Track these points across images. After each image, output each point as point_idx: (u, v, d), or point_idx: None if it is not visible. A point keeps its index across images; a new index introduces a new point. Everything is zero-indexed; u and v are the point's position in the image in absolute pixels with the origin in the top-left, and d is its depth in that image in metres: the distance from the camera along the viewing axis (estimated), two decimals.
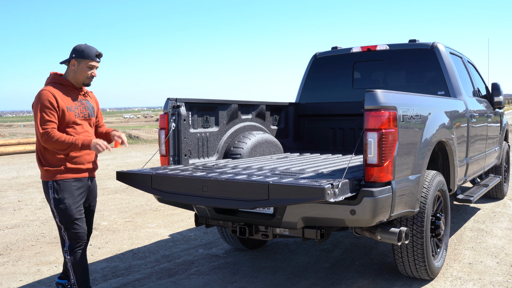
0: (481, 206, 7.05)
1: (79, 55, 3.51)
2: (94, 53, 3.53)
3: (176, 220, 6.56)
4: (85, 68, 3.52)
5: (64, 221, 3.46)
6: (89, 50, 3.53)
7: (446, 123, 4.21)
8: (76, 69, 3.52)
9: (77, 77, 3.54)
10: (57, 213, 3.46)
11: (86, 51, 3.52)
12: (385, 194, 3.14)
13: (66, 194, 3.44)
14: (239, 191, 3.15)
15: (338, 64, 5.83)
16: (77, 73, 3.53)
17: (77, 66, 3.52)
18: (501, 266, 4.43)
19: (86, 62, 3.52)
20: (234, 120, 4.71)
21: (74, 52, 3.53)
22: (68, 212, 3.45)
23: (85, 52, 3.51)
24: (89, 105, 3.66)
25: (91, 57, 3.53)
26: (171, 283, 4.17)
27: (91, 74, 3.56)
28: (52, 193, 3.45)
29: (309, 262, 4.63)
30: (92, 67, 3.55)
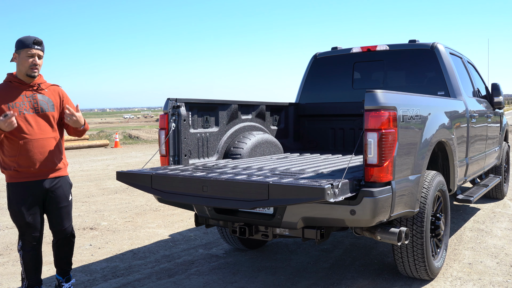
0: (481, 206, 7.05)
1: (18, 46, 3.42)
2: (31, 40, 3.40)
3: (176, 220, 6.56)
4: (25, 58, 3.40)
5: (16, 223, 3.51)
6: (25, 38, 3.41)
7: (446, 123, 4.22)
8: (18, 61, 3.43)
9: (20, 69, 3.44)
10: (11, 215, 3.51)
11: (23, 40, 3.41)
12: (385, 194, 3.14)
13: (17, 197, 3.44)
14: (239, 191, 3.15)
15: (338, 65, 5.83)
16: (20, 64, 3.42)
17: (18, 58, 3.43)
18: (501, 266, 4.43)
19: (25, 51, 3.39)
20: (234, 120, 4.72)
21: (15, 46, 3.45)
22: (19, 215, 3.46)
23: (22, 41, 3.40)
24: (44, 99, 3.52)
25: (27, 45, 3.39)
26: (171, 283, 4.17)
27: (32, 62, 3.41)
28: (7, 194, 3.50)
29: (309, 262, 4.63)
30: (31, 55, 3.40)
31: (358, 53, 5.68)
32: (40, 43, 3.43)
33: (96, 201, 8.21)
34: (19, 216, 3.47)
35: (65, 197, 3.67)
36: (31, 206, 3.48)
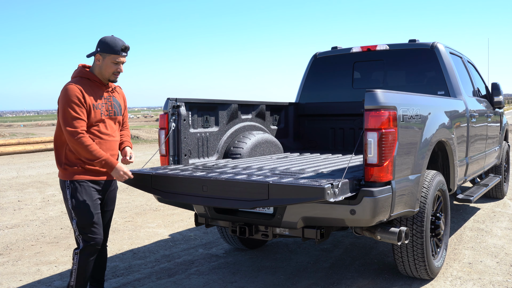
0: (481, 206, 7.05)
1: (104, 49, 3.22)
2: (120, 47, 3.23)
3: (176, 220, 6.56)
4: (110, 64, 3.26)
5: (81, 224, 3.24)
6: (114, 43, 3.23)
7: (446, 123, 4.21)
8: (101, 64, 3.26)
9: (103, 73, 3.29)
10: (75, 215, 3.23)
11: (111, 44, 3.22)
12: (385, 194, 3.14)
13: (84, 196, 3.23)
14: (239, 191, 3.15)
15: (338, 64, 5.83)
16: (102, 68, 3.27)
17: (102, 61, 3.26)
18: (501, 266, 4.43)
19: (112, 57, 3.24)
20: (234, 120, 4.71)
21: (99, 45, 3.24)
22: (86, 214, 3.23)
23: (110, 46, 3.21)
24: (116, 102, 3.43)
25: (116, 52, 3.23)
26: (171, 283, 4.17)
27: (117, 70, 3.29)
28: (69, 193, 3.24)
29: (309, 262, 4.63)
30: (118, 62, 3.27)
31: (358, 52, 5.68)
32: (128, 49, 3.30)
33: None
34: (85, 215, 3.23)
35: (115, 200, 3.64)
36: (97, 205, 3.32)
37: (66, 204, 3.28)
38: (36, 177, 11.14)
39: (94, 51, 3.27)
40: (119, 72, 3.30)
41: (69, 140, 3.12)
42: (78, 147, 3.12)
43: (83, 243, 3.26)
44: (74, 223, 3.25)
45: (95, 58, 3.28)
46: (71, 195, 3.23)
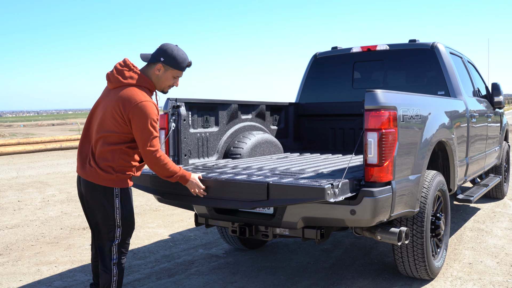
0: (481, 206, 7.04)
1: (170, 62, 3.03)
2: (185, 63, 3.08)
3: (176, 220, 6.56)
4: (170, 78, 3.08)
5: (126, 234, 3.07)
6: (182, 59, 3.06)
7: (446, 123, 4.21)
8: (161, 76, 3.06)
9: (159, 84, 3.08)
10: (122, 225, 3.03)
11: (179, 60, 3.04)
12: (385, 194, 3.14)
13: (131, 204, 3.09)
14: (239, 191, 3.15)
15: (338, 64, 5.82)
16: (161, 80, 3.07)
17: (163, 73, 3.05)
18: (501, 266, 4.43)
19: (175, 72, 3.08)
20: (234, 120, 4.71)
21: (164, 56, 3.02)
22: (132, 223, 3.11)
23: (178, 61, 3.04)
24: None
25: (182, 68, 3.08)
26: (171, 283, 4.17)
27: (174, 84, 3.13)
28: (118, 202, 3.00)
29: (309, 262, 4.63)
30: (177, 77, 3.12)
31: (358, 52, 5.68)
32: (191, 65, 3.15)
33: None
34: (131, 224, 3.09)
35: None
36: None
37: (111, 213, 3.00)
38: (36, 177, 11.14)
39: (155, 58, 3.03)
40: (174, 86, 3.15)
41: (149, 159, 2.96)
42: (157, 166, 2.99)
43: (118, 253, 3.08)
44: (118, 231, 3.03)
45: (155, 67, 3.04)
46: (121, 204, 3.01)
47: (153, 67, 3.06)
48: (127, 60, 3.06)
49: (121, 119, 2.92)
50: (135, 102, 2.89)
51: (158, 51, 3.05)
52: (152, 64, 3.06)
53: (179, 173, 3.08)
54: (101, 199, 2.99)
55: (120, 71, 3.01)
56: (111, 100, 2.97)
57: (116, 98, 2.95)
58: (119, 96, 2.94)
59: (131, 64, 3.05)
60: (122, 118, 2.92)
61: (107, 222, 3.01)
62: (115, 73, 3.02)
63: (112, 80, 3.02)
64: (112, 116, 2.93)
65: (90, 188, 3.00)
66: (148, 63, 3.08)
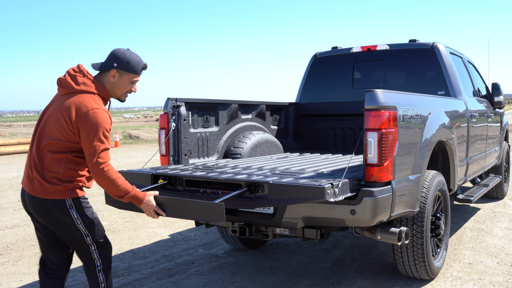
0: (481, 206, 7.04)
1: (124, 66, 2.86)
2: (140, 66, 2.93)
3: (176, 220, 6.56)
4: (127, 83, 2.91)
5: (98, 236, 2.91)
6: (136, 62, 2.90)
7: (446, 123, 4.21)
8: (116, 82, 2.88)
9: (115, 91, 2.91)
10: (89, 231, 2.86)
11: (132, 63, 2.88)
12: (385, 194, 3.14)
13: (90, 209, 2.89)
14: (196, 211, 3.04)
15: (338, 64, 5.83)
16: (116, 86, 2.90)
17: (118, 79, 2.88)
18: (501, 266, 4.43)
19: (130, 77, 2.91)
20: (234, 120, 4.71)
21: (117, 61, 2.86)
22: (100, 225, 2.93)
23: (131, 65, 2.88)
24: None
25: (137, 71, 2.91)
26: (171, 283, 4.17)
27: (132, 90, 2.97)
28: (75, 212, 2.79)
29: (309, 262, 4.63)
30: (134, 82, 2.94)
31: (358, 52, 5.68)
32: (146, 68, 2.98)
33: (96, 201, 8.20)
34: (99, 227, 2.91)
35: None
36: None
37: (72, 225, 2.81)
38: None
39: (108, 64, 2.87)
40: (132, 92, 2.99)
41: (97, 173, 2.72)
42: (105, 181, 2.75)
43: (101, 258, 2.95)
44: (89, 239, 2.87)
45: (109, 74, 2.87)
46: (78, 214, 2.81)
47: (106, 75, 2.88)
48: (81, 66, 2.89)
49: (68, 127, 2.71)
50: (86, 109, 2.70)
51: (110, 57, 2.88)
52: (105, 72, 2.88)
53: (132, 193, 2.81)
54: (55, 214, 2.76)
55: (73, 77, 2.82)
56: (59, 106, 2.77)
57: (66, 104, 2.75)
58: (69, 102, 2.74)
59: (85, 70, 2.88)
60: (69, 125, 2.71)
61: (74, 235, 2.84)
62: (67, 78, 2.82)
63: (64, 85, 2.82)
64: (58, 123, 2.73)
65: (39, 204, 2.77)
66: (101, 71, 2.90)
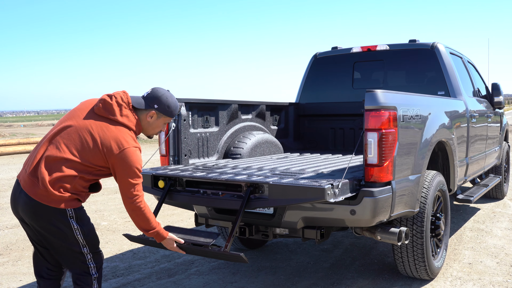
0: (481, 206, 7.05)
1: (164, 110, 2.95)
2: (176, 111, 3.04)
3: (176, 220, 6.56)
4: (161, 125, 3.03)
5: (95, 246, 2.93)
6: (175, 107, 3.00)
7: (446, 123, 4.21)
8: (152, 122, 2.97)
9: (149, 130, 3.01)
10: (86, 242, 2.87)
11: (172, 107, 2.98)
12: (385, 194, 3.14)
13: (88, 219, 2.92)
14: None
15: (338, 64, 5.83)
16: (151, 126, 2.99)
17: (155, 120, 2.97)
18: (501, 266, 4.43)
19: (166, 120, 3.02)
20: (234, 120, 4.72)
21: (158, 104, 2.94)
22: (96, 235, 2.96)
23: (171, 109, 2.98)
24: None
25: (173, 116, 3.03)
26: (171, 283, 4.17)
27: (162, 130, 3.09)
28: (75, 222, 2.80)
29: (309, 262, 4.63)
30: (167, 122, 3.07)
31: (358, 53, 5.68)
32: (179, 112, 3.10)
33: (96, 201, 8.21)
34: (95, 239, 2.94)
35: None
36: None
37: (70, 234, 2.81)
38: None
39: (149, 105, 2.93)
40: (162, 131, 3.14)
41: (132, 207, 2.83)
42: (138, 214, 2.85)
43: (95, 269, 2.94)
44: (86, 249, 2.87)
45: (148, 113, 2.93)
46: (78, 224, 2.82)
47: (145, 113, 2.94)
48: (128, 96, 2.93)
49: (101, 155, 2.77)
50: (125, 146, 2.77)
51: (152, 97, 2.95)
52: (144, 110, 2.95)
53: (157, 229, 2.93)
54: (54, 222, 2.76)
55: (120, 106, 2.87)
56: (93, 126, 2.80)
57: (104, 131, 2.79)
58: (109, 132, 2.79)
59: (131, 103, 2.92)
60: (102, 155, 2.77)
61: (71, 245, 2.83)
62: (114, 105, 2.86)
63: (108, 109, 2.85)
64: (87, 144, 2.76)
65: (38, 209, 2.74)
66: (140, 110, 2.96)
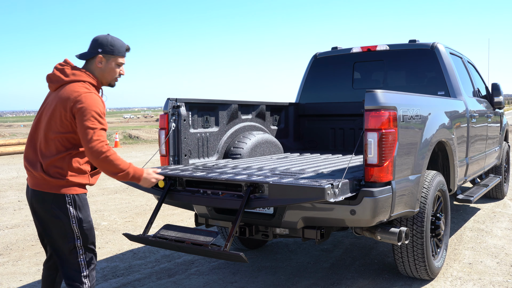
0: (481, 206, 7.05)
1: (108, 50, 2.89)
2: (124, 47, 2.96)
3: (176, 220, 6.56)
4: (114, 67, 2.94)
5: (89, 242, 2.84)
6: (119, 44, 2.94)
7: (446, 123, 4.21)
8: (104, 68, 2.91)
9: (105, 77, 2.93)
10: (81, 234, 2.79)
11: (116, 46, 2.92)
12: (385, 194, 3.14)
13: (87, 210, 2.85)
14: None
15: (338, 64, 5.83)
16: (105, 72, 2.92)
17: (105, 64, 2.91)
18: (501, 266, 4.43)
19: (116, 59, 2.93)
20: (234, 120, 4.72)
21: (100, 47, 2.88)
22: (92, 230, 2.87)
23: (116, 48, 2.91)
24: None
25: (122, 53, 2.95)
26: (171, 283, 4.17)
27: (120, 73, 3.00)
28: (73, 210, 2.76)
29: (309, 262, 4.63)
30: (121, 64, 2.98)
31: (358, 53, 5.69)
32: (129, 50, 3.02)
33: (96, 201, 8.21)
34: (91, 232, 2.84)
35: None
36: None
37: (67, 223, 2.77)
38: None
39: (92, 52, 2.90)
40: (122, 75, 3.01)
41: (94, 156, 2.70)
42: (104, 162, 2.72)
43: (87, 264, 2.84)
44: (79, 242, 2.80)
45: (96, 60, 2.89)
46: (75, 212, 2.77)
47: (93, 62, 2.91)
48: (67, 60, 2.92)
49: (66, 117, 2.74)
50: (78, 94, 2.73)
51: (93, 44, 2.91)
52: (91, 60, 2.91)
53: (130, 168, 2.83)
54: (53, 208, 2.75)
55: (61, 70, 2.86)
56: (54, 100, 2.81)
57: (60, 96, 2.78)
58: (62, 93, 2.78)
59: (71, 63, 2.91)
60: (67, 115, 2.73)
61: (65, 235, 2.77)
62: (56, 72, 2.86)
63: (54, 80, 2.86)
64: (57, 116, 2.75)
65: (40, 198, 2.77)
66: (86, 61, 2.94)
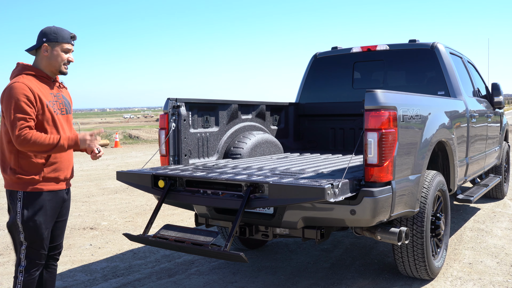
0: (481, 206, 7.05)
1: (52, 38, 2.98)
2: (68, 34, 3.04)
3: (176, 220, 6.56)
4: (60, 53, 3.00)
5: (30, 240, 2.92)
6: (62, 31, 3.02)
7: (446, 123, 4.21)
8: (50, 55, 2.99)
9: (53, 64, 3.00)
10: (23, 230, 2.89)
11: (59, 33, 3.00)
12: (385, 194, 3.14)
13: (38, 209, 2.90)
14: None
15: (338, 64, 5.83)
16: (52, 59, 2.99)
17: (51, 52, 2.98)
18: (501, 266, 4.43)
19: (61, 46, 3.00)
20: (234, 120, 4.72)
21: (44, 36, 2.99)
22: (38, 231, 2.91)
23: (59, 35, 3.00)
24: (65, 100, 3.12)
25: (66, 40, 3.02)
26: (171, 283, 4.17)
27: (68, 59, 3.05)
28: (20, 206, 2.87)
29: (309, 262, 4.63)
30: (68, 51, 3.03)
31: (358, 53, 5.69)
32: (75, 38, 3.09)
33: (96, 201, 8.21)
34: (36, 231, 2.91)
35: (69, 208, 3.26)
36: (50, 219, 2.99)
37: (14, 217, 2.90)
38: None
39: (37, 44, 3.00)
40: (70, 61, 3.07)
41: (18, 143, 2.79)
42: (30, 147, 2.80)
43: (27, 260, 2.93)
44: (22, 236, 2.91)
45: (41, 50, 2.99)
46: (22, 208, 2.88)
47: (40, 52, 3.01)
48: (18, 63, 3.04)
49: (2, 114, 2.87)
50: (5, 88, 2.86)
51: (38, 36, 3.02)
52: (39, 50, 3.01)
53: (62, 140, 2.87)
54: (10, 203, 2.96)
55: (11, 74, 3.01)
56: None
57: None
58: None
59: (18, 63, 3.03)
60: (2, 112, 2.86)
61: (13, 227, 2.93)
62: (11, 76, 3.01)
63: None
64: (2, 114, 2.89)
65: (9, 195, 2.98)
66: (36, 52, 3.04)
